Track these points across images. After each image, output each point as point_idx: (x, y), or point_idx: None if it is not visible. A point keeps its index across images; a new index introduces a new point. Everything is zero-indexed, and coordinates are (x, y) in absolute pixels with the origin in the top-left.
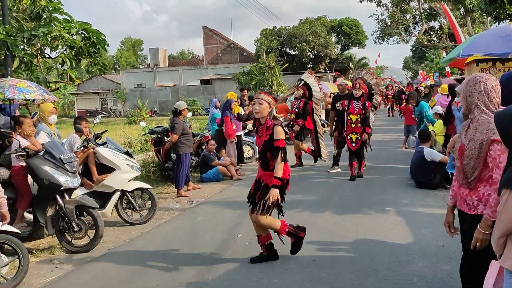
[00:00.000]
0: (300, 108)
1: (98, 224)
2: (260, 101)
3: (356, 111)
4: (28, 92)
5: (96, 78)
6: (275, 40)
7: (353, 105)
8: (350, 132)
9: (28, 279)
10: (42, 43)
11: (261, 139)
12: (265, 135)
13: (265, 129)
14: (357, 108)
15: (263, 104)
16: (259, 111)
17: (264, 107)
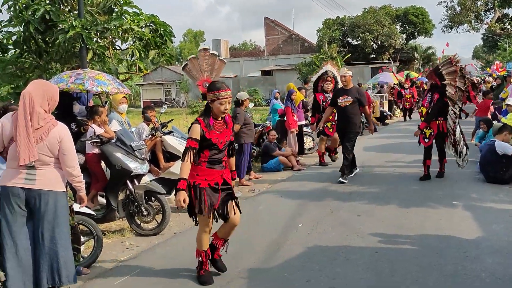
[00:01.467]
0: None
1: (165, 209)
2: (229, 99)
3: (426, 104)
4: (105, 84)
5: (160, 69)
6: (337, 30)
7: (426, 97)
8: (423, 127)
9: (101, 258)
10: (113, 36)
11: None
12: (228, 131)
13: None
14: (428, 101)
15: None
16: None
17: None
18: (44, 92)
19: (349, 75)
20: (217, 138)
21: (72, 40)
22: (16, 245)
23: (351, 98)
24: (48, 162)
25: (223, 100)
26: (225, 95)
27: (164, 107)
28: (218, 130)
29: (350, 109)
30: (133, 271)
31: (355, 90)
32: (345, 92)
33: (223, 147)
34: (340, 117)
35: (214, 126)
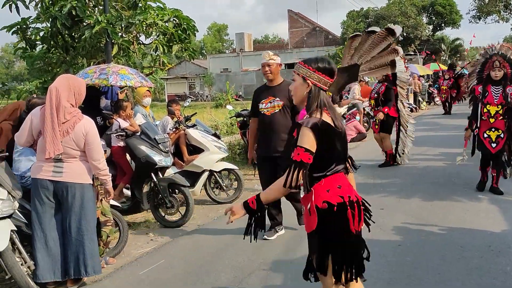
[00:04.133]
0: (381, 94)
1: (189, 201)
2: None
3: (496, 100)
4: (128, 79)
5: (184, 63)
6: (362, 22)
7: (491, 91)
8: (487, 129)
9: (127, 249)
10: (138, 30)
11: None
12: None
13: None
14: (498, 96)
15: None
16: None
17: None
18: (70, 87)
19: (275, 62)
20: None
21: (98, 35)
22: (45, 235)
23: (281, 102)
24: (75, 155)
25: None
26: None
27: (188, 101)
28: None
29: (280, 119)
30: (157, 262)
31: (287, 87)
32: (270, 92)
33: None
34: (264, 133)
35: None
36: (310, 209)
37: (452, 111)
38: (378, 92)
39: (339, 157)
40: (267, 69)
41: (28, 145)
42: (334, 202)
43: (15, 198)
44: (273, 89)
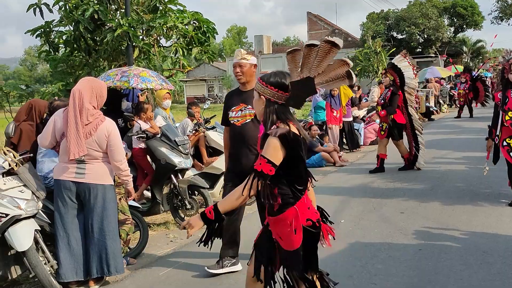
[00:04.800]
0: (387, 99)
1: (208, 203)
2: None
3: None
4: (149, 81)
5: (203, 66)
6: (381, 24)
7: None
8: (508, 136)
9: (147, 250)
10: (158, 34)
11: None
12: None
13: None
14: None
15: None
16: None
17: (254, 100)
18: (92, 89)
19: (248, 62)
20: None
21: (119, 38)
22: (68, 235)
23: (254, 110)
24: (97, 157)
25: None
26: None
27: (207, 103)
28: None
29: (251, 131)
30: (177, 263)
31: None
32: (242, 98)
33: None
34: (233, 146)
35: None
36: (296, 228)
37: (474, 114)
38: (384, 98)
39: (306, 169)
40: (238, 71)
41: (51, 146)
42: (314, 219)
43: (39, 198)
44: (245, 95)
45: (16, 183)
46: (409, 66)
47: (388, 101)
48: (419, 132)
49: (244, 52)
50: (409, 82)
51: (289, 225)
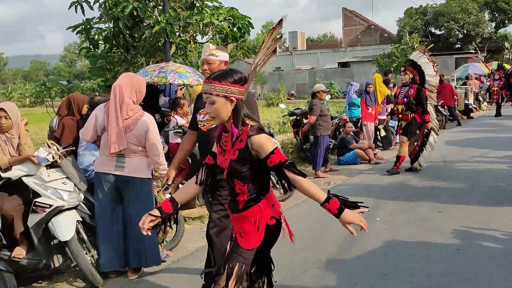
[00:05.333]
0: (412, 97)
1: None
2: (209, 97)
3: None
4: (186, 77)
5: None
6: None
7: None
8: None
9: (183, 243)
10: (195, 30)
11: (226, 156)
12: (232, 152)
13: (230, 141)
14: None
15: (216, 101)
16: (213, 113)
17: (219, 105)
18: (132, 84)
19: (217, 59)
20: (214, 157)
21: (157, 35)
22: (107, 227)
23: None
24: (136, 151)
25: (203, 98)
26: (203, 90)
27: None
28: (222, 146)
29: None
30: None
31: None
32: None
33: (227, 175)
34: (202, 151)
35: (220, 139)
36: (259, 226)
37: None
38: (407, 96)
39: None
40: (206, 68)
41: (92, 140)
42: (278, 217)
43: (80, 190)
44: None
45: (59, 175)
46: (429, 63)
47: (414, 99)
48: (435, 132)
49: (213, 47)
50: (430, 80)
51: (252, 222)
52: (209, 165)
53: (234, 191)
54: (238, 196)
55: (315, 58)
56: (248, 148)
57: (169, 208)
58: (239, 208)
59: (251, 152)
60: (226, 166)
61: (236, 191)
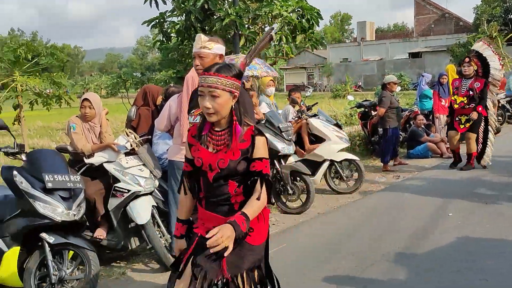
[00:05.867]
0: (478, 90)
1: (310, 189)
2: (214, 91)
3: None
4: (255, 68)
5: (304, 53)
6: (498, 6)
7: None
8: None
9: None
10: (263, 22)
11: (221, 156)
12: (232, 152)
13: (233, 140)
14: None
15: (220, 95)
16: (214, 108)
17: (223, 101)
18: None
19: (211, 52)
20: (201, 159)
21: (227, 27)
22: None
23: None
24: None
25: (201, 91)
26: (205, 83)
27: (310, 91)
28: (213, 145)
29: None
30: (279, 246)
31: None
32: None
33: (216, 177)
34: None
35: (207, 138)
36: (265, 217)
37: None
38: (472, 89)
39: None
40: (198, 63)
41: (166, 130)
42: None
43: (155, 177)
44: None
45: (136, 162)
46: (495, 56)
47: (480, 93)
48: (492, 129)
49: (205, 38)
50: (494, 73)
51: (256, 220)
52: (188, 173)
53: (225, 193)
54: (232, 198)
55: (384, 49)
56: (252, 148)
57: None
58: (235, 209)
59: (251, 151)
60: (221, 167)
61: (230, 192)
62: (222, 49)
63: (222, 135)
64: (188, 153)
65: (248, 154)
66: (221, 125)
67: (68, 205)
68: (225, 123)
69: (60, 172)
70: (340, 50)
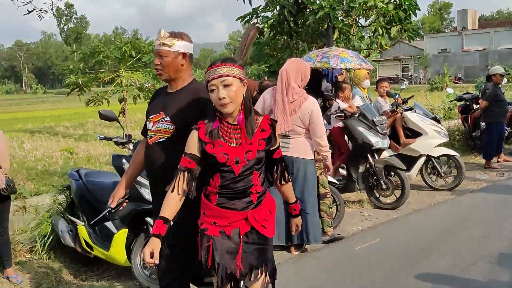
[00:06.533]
0: None
1: (404, 184)
2: (226, 79)
3: None
4: (348, 61)
5: (398, 45)
6: None
7: None
8: None
9: (342, 225)
10: (357, 14)
11: (247, 148)
12: (257, 142)
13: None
14: None
15: (232, 83)
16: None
17: (236, 88)
18: (298, 69)
19: (171, 50)
20: (226, 154)
21: (320, 20)
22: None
23: (172, 125)
24: (300, 132)
25: (213, 84)
26: (215, 74)
27: (405, 83)
28: (230, 140)
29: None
30: (373, 240)
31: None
32: (164, 103)
33: (242, 171)
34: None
35: (222, 133)
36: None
37: None
38: None
39: None
40: (157, 62)
41: None
42: None
43: None
44: (169, 98)
45: None
46: None
47: None
48: None
49: (166, 34)
50: None
51: (268, 212)
52: (190, 170)
53: (249, 184)
54: (251, 188)
55: (488, 38)
56: (272, 137)
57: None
58: (254, 202)
59: (274, 140)
60: (250, 159)
61: (254, 182)
62: (186, 47)
63: (239, 128)
64: (195, 150)
65: (271, 143)
66: (233, 117)
67: None
68: (236, 114)
69: None
70: (438, 40)
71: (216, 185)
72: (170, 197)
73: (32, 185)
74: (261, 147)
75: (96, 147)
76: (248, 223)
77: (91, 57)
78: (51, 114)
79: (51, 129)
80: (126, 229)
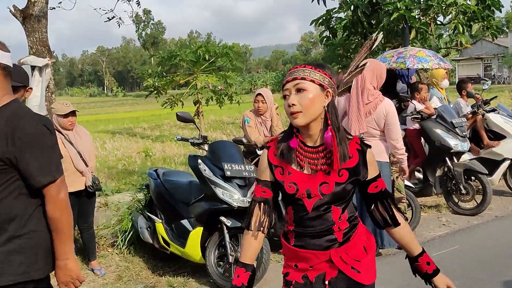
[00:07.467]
0: None
1: (486, 190)
2: (300, 83)
3: None
4: (425, 61)
5: (480, 43)
6: None
7: None
8: None
9: (419, 230)
10: (436, 12)
11: (322, 179)
12: (337, 172)
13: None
14: None
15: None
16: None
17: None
18: (373, 70)
19: None
20: (295, 183)
21: (395, 21)
22: None
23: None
24: (375, 135)
25: (286, 89)
26: (290, 77)
27: (488, 83)
28: (309, 164)
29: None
30: (451, 247)
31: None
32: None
33: (317, 205)
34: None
35: (298, 154)
36: (368, 249)
37: None
38: None
39: None
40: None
41: None
42: None
43: None
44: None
45: None
46: None
47: None
48: None
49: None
50: None
51: (363, 249)
52: (266, 200)
53: (327, 223)
54: (333, 226)
55: None
56: (361, 167)
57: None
58: (339, 241)
59: (364, 171)
60: (324, 193)
61: (335, 221)
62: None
63: (320, 151)
64: (267, 175)
65: (358, 173)
66: (313, 137)
67: (244, 192)
68: (317, 134)
69: (237, 162)
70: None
71: (291, 221)
72: (247, 237)
73: (113, 183)
74: (341, 179)
75: (171, 148)
76: (334, 266)
77: (168, 61)
78: (130, 115)
79: (130, 130)
80: (201, 227)
